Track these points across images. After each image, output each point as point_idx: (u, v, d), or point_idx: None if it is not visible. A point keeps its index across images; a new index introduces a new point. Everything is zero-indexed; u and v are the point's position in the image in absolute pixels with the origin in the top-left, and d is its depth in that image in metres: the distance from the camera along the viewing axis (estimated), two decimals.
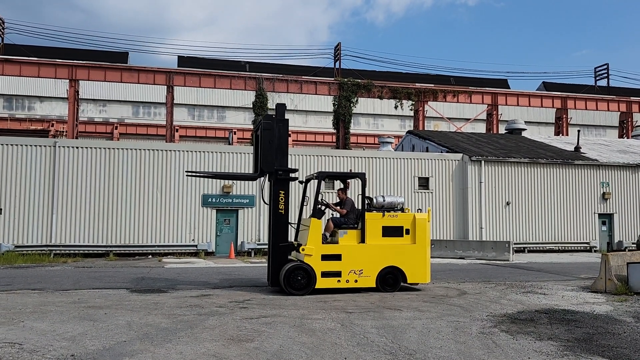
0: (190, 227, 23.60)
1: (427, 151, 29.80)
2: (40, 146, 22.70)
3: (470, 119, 50.75)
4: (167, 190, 23.51)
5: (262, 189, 12.67)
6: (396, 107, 39.38)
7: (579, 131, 33.69)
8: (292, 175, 12.45)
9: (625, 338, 7.92)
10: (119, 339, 7.43)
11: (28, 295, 11.56)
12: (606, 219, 28.50)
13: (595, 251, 27.25)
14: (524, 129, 36.98)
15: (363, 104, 51.09)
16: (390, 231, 12.29)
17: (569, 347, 7.30)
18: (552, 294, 12.38)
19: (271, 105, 40.16)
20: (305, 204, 12.96)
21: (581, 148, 30.97)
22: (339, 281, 11.88)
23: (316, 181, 12.53)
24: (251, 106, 37.29)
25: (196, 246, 23.36)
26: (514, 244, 25.05)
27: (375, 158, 26.44)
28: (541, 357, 6.79)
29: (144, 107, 54.17)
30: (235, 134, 44.63)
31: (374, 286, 12.10)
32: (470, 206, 26.51)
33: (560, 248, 27.42)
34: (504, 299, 11.48)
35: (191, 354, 6.74)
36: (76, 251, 22.24)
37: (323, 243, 11.94)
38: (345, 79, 38.15)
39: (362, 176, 12.61)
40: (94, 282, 14.04)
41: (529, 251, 26.72)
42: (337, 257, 11.89)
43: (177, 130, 45.62)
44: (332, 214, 13.37)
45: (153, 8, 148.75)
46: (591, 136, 56.42)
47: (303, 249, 11.76)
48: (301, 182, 13.17)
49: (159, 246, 23.07)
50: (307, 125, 56.40)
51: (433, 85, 40.84)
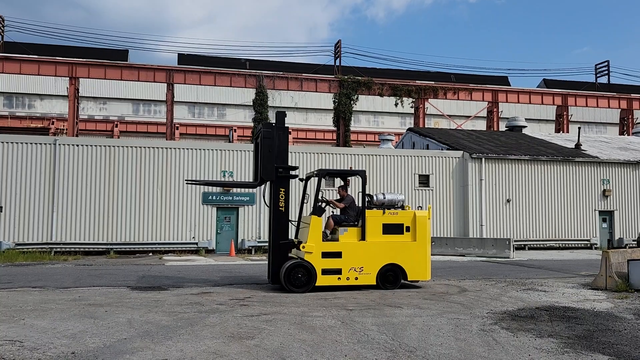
0: (190, 224, 23.63)
1: (428, 148, 29.78)
2: (40, 144, 22.72)
3: (470, 116, 50.72)
4: (167, 188, 23.53)
5: (263, 195, 12.68)
6: (396, 104, 39.33)
7: (579, 128, 33.68)
8: (292, 173, 12.45)
9: (625, 335, 7.91)
10: (119, 337, 7.43)
11: (29, 293, 11.57)
12: (607, 216, 28.51)
13: (595, 248, 27.26)
14: (524, 126, 36.95)
15: (363, 102, 51.06)
16: (391, 229, 12.28)
17: (569, 344, 7.30)
18: (553, 291, 12.38)
19: (271, 102, 40.24)
20: (305, 201, 12.95)
21: (582, 145, 30.96)
22: (339, 279, 11.88)
23: (316, 179, 12.53)
24: (251, 104, 37.26)
25: (197, 244, 23.39)
26: (515, 241, 25.10)
27: (376, 155, 26.45)
28: (542, 354, 6.79)
29: (144, 104, 54.08)
30: (235, 131, 44.69)
31: (375, 284, 12.10)
32: (470, 203, 26.52)
33: (560, 245, 27.45)
34: (505, 296, 11.49)
35: (192, 351, 6.74)
36: (77, 249, 22.28)
37: (323, 241, 11.93)
38: (346, 77, 38.10)
39: (362, 173, 12.60)
40: (95, 279, 14.06)
41: (530, 248, 26.73)
42: (338, 255, 11.88)
43: (177, 128, 45.63)
44: (333, 212, 13.37)
45: (153, 6, 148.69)
46: (592, 133, 56.32)
47: (303, 247, 11.75)
48: (301, 180, 13.16)
49: (159, 244, 23.10)
50: (308, 122, 56.37)
51: (433, 83, 40.76)
